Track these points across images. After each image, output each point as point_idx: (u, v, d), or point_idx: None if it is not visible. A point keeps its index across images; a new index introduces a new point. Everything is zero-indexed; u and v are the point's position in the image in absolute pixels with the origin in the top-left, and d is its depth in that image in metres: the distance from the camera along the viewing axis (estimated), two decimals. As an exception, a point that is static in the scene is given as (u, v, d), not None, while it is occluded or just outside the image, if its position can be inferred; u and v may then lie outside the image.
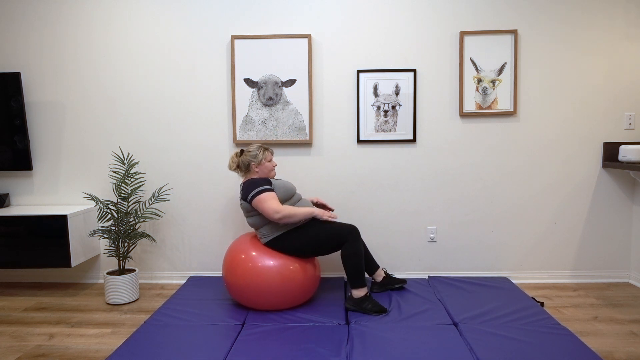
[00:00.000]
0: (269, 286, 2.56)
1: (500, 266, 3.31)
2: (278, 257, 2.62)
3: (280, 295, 2.59)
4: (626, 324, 2.56)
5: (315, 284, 2.74)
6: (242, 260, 2.62)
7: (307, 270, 2.67)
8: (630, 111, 3.19)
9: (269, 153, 2.79)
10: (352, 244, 2.60)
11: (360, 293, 2.62)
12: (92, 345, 2.38)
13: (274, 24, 3.19)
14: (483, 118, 3.20)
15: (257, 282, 2.56)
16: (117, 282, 2.93)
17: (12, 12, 3.25)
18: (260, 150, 2.76)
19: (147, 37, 3.22)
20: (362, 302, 2.60)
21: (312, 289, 2.72)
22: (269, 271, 2.57)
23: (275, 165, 2.84)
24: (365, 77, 3.18)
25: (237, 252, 2.68)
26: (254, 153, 2.75)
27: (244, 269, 2.59)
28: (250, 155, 2.75)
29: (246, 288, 2.59)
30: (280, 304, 2.63)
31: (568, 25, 3.13)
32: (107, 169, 3.33)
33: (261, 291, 2.57)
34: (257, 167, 2.75)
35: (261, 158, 2.75)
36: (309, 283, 2.67)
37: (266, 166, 2.77)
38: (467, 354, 2.12)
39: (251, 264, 2.59)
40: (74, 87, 3.28)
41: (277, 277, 2.57)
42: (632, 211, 3.24)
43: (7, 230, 3.00)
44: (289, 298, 2.62)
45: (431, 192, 3.26)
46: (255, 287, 2.57)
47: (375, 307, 2.59)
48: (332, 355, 2.12)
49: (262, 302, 2.61)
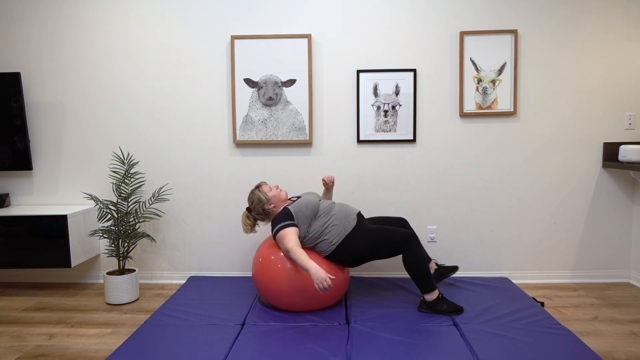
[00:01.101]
0: (302, 287, 2.54)
1: (500, 266, 3.31)
2: None
3: (312, 297, 2.56)
4: (626, 324, 2.56)
5: (345, 286, 2.71)
6: (272, 262, 2.60)
7: (337, 273, 2.63)
8: (630, 111, 3.19)
9: (263, 186, 2.75)
10: (414, 251, 2.54)
11: (432, 296, 2.56)
12: (92, 345, 2.38)
13: (274, 24, 3.19)
14: (483, 118, 3.20)
15: (287, 283, 2.54)
16: (117, 282, 2.93)
17: (12, 12, 3.25)
18: (256, 193, 2.73)
19: (147, 37, 3.22)
20: (436, 305, 2.56)
21: (342, 290, 2.70)
22: (299, 271, 2.54)
23: (277, 186, 2.79)
24: (365, 77, 3.18)
25: (267, 253, 2.65)
26: (256, 198, 2.71)
27: (274, 270, 2.57)
28: (257, 204, 2.72)
29: (277, 289, 2.56)
30: (313, 305, 2.61)
31: (568, 25, 3.13)
32: (107, 169, 3.33)
33: (293, 292, 2.54)
34: (269, 204, 2.71)
35: (264, 196, 2.70)
36: (340, 284, 2.65)
37: (273, 196, 2.72)
38: (467, 354, 2.12)
39: (281, 265, 2.57)
40: (74, 87, 3.28)
41: (308, 276, 2.54)
42: (632, 211, 3.24)
43: (7, 230, 3.00)
44: (322, 299, 2.60)
45: (431, 192, 3.26)
46: (286, 289, 2.54)
47: (450, 308, 2.55)
48: (332, 355, 2.12)
49: (293, 304, 2.59)
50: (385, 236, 2.59)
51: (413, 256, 2.54)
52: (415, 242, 2.56)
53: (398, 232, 2.59)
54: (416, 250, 2.54)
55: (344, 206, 2.73)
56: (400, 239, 2.56)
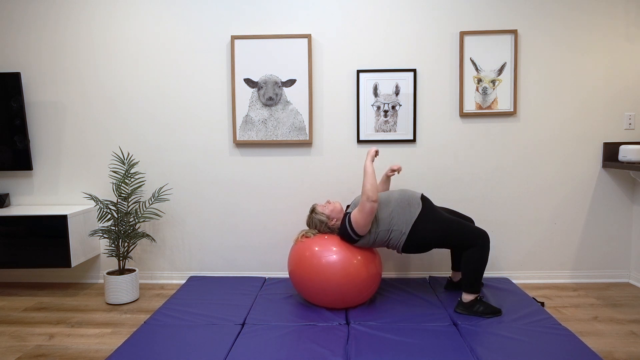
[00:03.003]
0: (335, 284, 2.54)
1: (500, 266, 3.31)
2: (343, 254, 2.57)
3: (343, 294, 2.57)
4: (626, 324, 2.56)
5: (377, 282, 2.70)
6: (307, 258, 2.60)
7: (370, 268, 2.62)
8: (630, 111, 3.19)
9: (318, 207, 2.74)
10: (480, 250, 2.51)
11: (469, 297, 2.55)
12: (92, 345, 2.38)
13: (274, 24, 3.19)
14: (483, 118, 3.20)
15: (321, 279, 2.55)
16: (117, 282, 2.93)
17: (12, 12, 3.25)
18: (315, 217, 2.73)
19: (147, 37, 3.22)
20: (473, 306, 2.54)
21: (375, 286, 2.69)
22: (332, 267, 2.54)
23: (328, 201, 2.77)
24: (365, 77, 3.18)
25: (303, 250, 2.65)
26: (317, 221, 2.72)
27: (309, 266, 2.57)
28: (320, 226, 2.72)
29: (311, 284, 2.57)
30: (343, 303, 2.61)
31: (568, 25, 3.13)
32: (107, 169, 3.33)
33: (326, 289, 2.55)
34: (331, 221, 2.71)
35: (324, 217, 2.70)
36: (371, 280, 2.63)
37: (330, 212, 2.71)
38: (467, 354, 2.12)
39: (316, 260, 2.57)
40: (74, 87, 3.28)
41: (341, 273, 2.54)
42: (632, 211, 3.24)
43: (7, 230, 3.00)
44: (353, 296, 2.60)
45: (431, 192, 3.26)
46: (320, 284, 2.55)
47: (487, 309, 2.52)
48: (332, 355, 2.12)
49: (328, 300, 2.60)
50: (459, 229, 2.54)
51: (478, 253, 2.51)
52: (486, 242, 2.53)
53: (474, 228, 2.56)
54: (483, 249, 2.51)
55: (404, 192, 2.66)
56: (475, 234, 2.53)
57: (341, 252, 2.57)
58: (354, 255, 2.58)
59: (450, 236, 2.54)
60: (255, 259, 3.35)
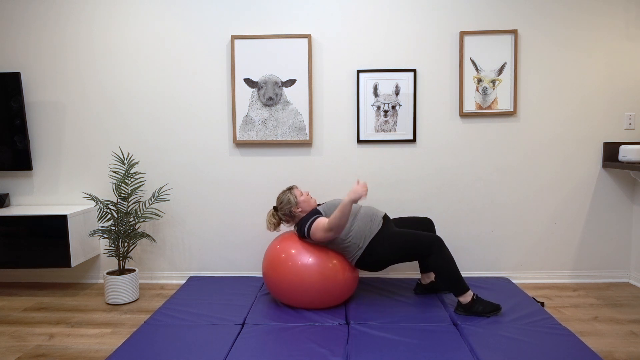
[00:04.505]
0: (311, 285, 2.55)
1: (500, 266, 3.31)
2: (317, 255, 2.59)
3: (320, 294, 2.58)
4: (626, 324, 2.56)
5: (354, 285, 2.72)
6: (283, 260, 2.61)
7: (347, 269, 2.64)
8: (630, 111, 3.19)
9: (295, 190, 2.74)
10: (439, 254, 2.51)
11: (466, 298, 2.53)
12: (92, 345, 2.38)
13: (274, 24, 3.19)
14: (483, 118, 3.20)
15: (296, 280, 2.56)
16: (117, 282, 2.93)
17: (12, 13, 3.25)
18: (287, 194, 2.72)
19: (147, 37, 3.22)
20: (472, 307, 2.52)
21: (352, 289, 2.71)
22: (308, 270, 2.55)
23: (308, 192, 2.79)
24: (365, 77, 3.18)
25: (279, 251, 2.66)
26: (287, 199, 2.70)
27: (285, 268, 2.58)
28: (285, 204, 2.70)
29: (285, 286, 2.58)
30: (321, 303, 2.63)
31: (568, 25, 3.13)
32: (107, 169, 3.33)
33: (302, 290, 2.56)
34: (297, 208, 2.70)
35: (294, 200, 2.70)
36: (349, 282, 2.65)
37: (302, 201, 2.71)
38: (467, 354, 2.12)
39: (291, 262, 2.58)
40: (74, 87, 3.28)
41: (317, 276, 2.55)
42: (632, 211, 3.24)
43: (7, 230, 3.00)
44: (330, 297, 2.61)
45: (431, 192, 3.26)
46: (296, 286, 2.56)
47: (487, 308, 2.51)
48: (332, 355, 2.12)
49: (301, 301, 2.61)
50: (410, 241, 2.55)
51: (439, 259, 2.50)
52: (439, 246, 2.52)
53: (423, 237, 2.55)
54: (441, 254, 2.51)
55: (369, 209, 2.71)
56: (426, 243, 2.53)
57: (318, 256, 2.60)
58: (330, 259, 2.60)
59: (405, 249, 2.56)
60: (255, 259, 3.35)
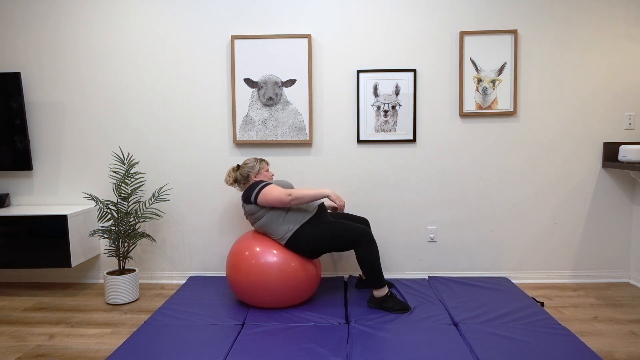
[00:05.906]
0: (271, 284, 2.57)
1: (500, 266, 3.31)
2: (280, 254, 2.62)
3: (281, 293, 2.60)
4: (626, 324, 2.56)
5: (316, 283, 2.75)
6: (245, 257, 2.63)
7: (308, 269, 2.67)
8: (630, 111, 3.19)
9: (265, 163, 2.85)
10: (366, 247, 2.61)
11: (380, 293, 2.64)
12: (92, 345, 2.38)
13: (274, 24, 3.19)
14: (483, 118, 3.20)
15: (258, 279, 2.58)
16: (117, 282, 2.93)
17: (12, 12, 3.25)
18: (257, 162, 2.83)
19: (147, 37, 3.22)
20: (384, 302, 2.63)
21: (313, 287, 2.73)
22: (270, 269, 2.58)
23: (273, 175, 2.87)
24: (365, 77, 3.18)
25: (241, 250, 2.68)
26: (252, 164, 2.82)
27: (247, 266, 2.60)
28: (248, 167, 2.81)
29: (248, 285, 2.60)
30: (281, 302, 2.64)
31: (568, 25, 3.13)
32: (107, 169, 3.33)
33: (263, 289, 2.58)
34: (256, 176, 2.81)
35: (259, 168, 2.81)
36: (310, 281, 2.68)
37: (264, 175, 2.83)
38: (467, 354, 2.12)
39: (254, 261, 2.60)
40: (74, 87, 3.28)
41: (278, 274, 2.58)
42: (632, 211, 3.24)
43: (7, 230, 3.00)
44: (290, 296, 2.63)
45: (431, 192, 3.26)
46: (257, 285, 2.58)
47: (397, 306, 2.61)
48: (332, 355, 2.12)
49: (264, 300, 2.62)
50: (340, 230, 2.64)
51: (365, 252, 2.60)
52: (368, 239, 2.61)
53: (354, 228, 2.64)
54: (368, 247, 2.61)
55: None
56: (355, 234, 2.62)
57: (280, 254, 2.62)
58: (292, 258, 2.63)
59: (334, 237, 2.63)
60: (255, 259, 3.35)
